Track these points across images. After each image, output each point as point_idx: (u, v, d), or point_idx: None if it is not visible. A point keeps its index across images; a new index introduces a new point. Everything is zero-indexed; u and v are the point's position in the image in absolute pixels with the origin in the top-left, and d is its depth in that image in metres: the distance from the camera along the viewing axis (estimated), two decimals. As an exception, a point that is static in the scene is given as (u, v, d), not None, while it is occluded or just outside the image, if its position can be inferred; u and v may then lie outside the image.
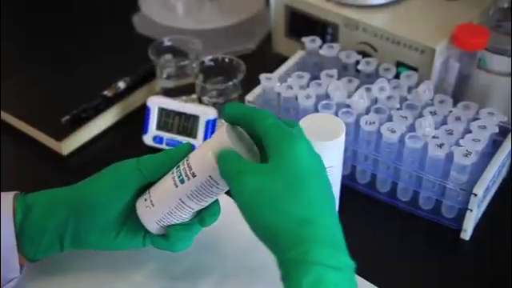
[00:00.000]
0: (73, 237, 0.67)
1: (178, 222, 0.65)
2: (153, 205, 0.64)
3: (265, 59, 1.07)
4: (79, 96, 0.95)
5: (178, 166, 0.63)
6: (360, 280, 0.74)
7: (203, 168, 0.61)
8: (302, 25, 0.99)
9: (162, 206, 0.64)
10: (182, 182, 0.62)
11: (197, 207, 0.64)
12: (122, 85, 0.96)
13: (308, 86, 0.87)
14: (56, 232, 0.66)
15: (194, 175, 0.61)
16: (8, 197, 0.67)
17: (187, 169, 0.62)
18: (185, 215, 0.65)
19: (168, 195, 0.63)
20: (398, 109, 0.83)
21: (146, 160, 0.66)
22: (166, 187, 0.63)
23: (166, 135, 0.90)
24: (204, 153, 0.61)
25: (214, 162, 0.60)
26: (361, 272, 0.75)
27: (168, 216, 0.65)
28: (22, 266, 0.68)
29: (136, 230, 0.68)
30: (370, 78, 0.89)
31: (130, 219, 0.67)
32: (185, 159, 0.63)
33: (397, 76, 0.88)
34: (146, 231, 0.68)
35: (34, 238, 0.66)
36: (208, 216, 0.66)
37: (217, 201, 0.66)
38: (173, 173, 0.63)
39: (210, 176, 0.61)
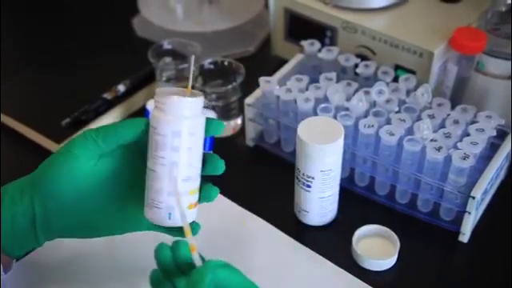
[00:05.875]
0: (42, 221, 0.65)
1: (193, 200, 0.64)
2: (161, 202, 0.63)
3: (264, 62, 1.07)
4: (79, 98, 0.95)
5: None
6: (360, 283, 0.75)
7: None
8: (301, 28, 1.00)
9: (163, 193, 0.63)
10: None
11: (190, 168, 0.63)
12: (121, 87, 0.97)
13: (307, 89, 0.88)
14: (25, 218, 0.64)
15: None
16: None
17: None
18: (190, 181, 0.63)
19: (159, 179, 0.62)
20: (396, 112, 0.83)
21: (103, 131, 0.63)
22: (153, 178, 0.63)
23: (165, 138, 0.90)
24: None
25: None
26: (358, 274, 0.76)
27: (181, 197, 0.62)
28: (7, 266, 0.67)
29: (113, 215, 0.66)
30: (368, 81, 0.89)
31: (101, 203, 0.65)
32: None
33: (395, 79, 0.89)
34: (124, 218, 0.66)
35: (5, 227, 0.64)
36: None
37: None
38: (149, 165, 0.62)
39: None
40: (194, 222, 0.66)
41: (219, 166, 0.65)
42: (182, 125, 0.61)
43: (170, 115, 0.61)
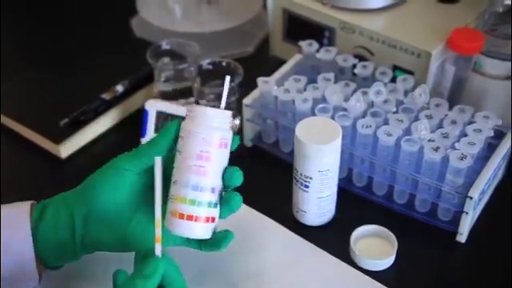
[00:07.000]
0: (81, 235, 0.66)
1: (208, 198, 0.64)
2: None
3: (262, 62, 1.07)
4: (78, 99, 0.95)
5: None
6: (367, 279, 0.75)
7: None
8: (299, 28, 1.00)
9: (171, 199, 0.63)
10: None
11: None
12: (120, 88, 0.97)
13: (305, 89, 0.88)
14: (66, 230, 0.66)
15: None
16: (25, 205, 0.67)
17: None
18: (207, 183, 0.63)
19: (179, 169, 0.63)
20: (394, 112, 0.83)
21: (142, 148, 0.66)
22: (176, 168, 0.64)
23: (164, 138, 0.90)
24: None
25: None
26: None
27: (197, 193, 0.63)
28: (41, 275, 0.68)
29: (145, 226, 0.66)
30: (366, 82, 0.89)
31: (136, 214, 0.66)
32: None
33: (393, 80, 0.89)
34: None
35: (48, 235, 0.66)
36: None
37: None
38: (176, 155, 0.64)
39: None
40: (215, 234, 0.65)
41: (237, 178, 0.66)
42: (183, 129, 0.63)
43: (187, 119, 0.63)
